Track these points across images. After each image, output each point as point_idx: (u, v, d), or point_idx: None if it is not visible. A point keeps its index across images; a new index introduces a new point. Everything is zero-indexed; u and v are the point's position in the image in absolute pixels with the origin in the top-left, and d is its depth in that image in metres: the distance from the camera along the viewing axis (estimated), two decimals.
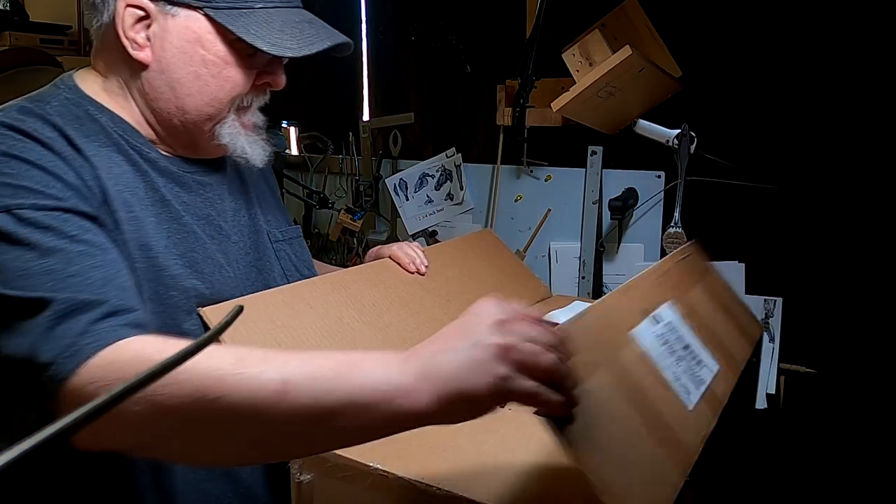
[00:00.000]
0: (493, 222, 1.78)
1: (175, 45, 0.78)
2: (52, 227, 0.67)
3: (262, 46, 0.78)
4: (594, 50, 1.41)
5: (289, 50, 0.79)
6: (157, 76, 0.80)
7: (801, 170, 1.42)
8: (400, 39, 1.97)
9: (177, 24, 0.78)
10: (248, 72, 0.83)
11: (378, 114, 2.03)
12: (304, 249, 1.05)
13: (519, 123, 1.62)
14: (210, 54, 0.79)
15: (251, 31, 0.78)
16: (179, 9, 0.78)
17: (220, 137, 0.84)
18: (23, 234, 0.65)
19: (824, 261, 1.42)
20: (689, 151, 1.41)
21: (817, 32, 1.37)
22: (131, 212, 0.77)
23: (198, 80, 0.80)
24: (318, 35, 0.83)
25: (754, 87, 1.45)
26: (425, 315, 1.05)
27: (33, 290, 0.63)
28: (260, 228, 0.97)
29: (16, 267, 0.64)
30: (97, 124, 0.79)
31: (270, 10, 0.81)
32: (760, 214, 1.47)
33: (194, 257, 0.83)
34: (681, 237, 1.43)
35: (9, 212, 0.66)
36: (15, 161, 0.69)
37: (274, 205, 1.04)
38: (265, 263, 0.95)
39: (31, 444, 0.25)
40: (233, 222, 0.91)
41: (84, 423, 0.27)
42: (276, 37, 0.79)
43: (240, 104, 0.85)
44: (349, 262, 2.01)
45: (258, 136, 0.89)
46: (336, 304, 0.96)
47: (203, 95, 0.81)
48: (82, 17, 0.85)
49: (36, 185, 0.68)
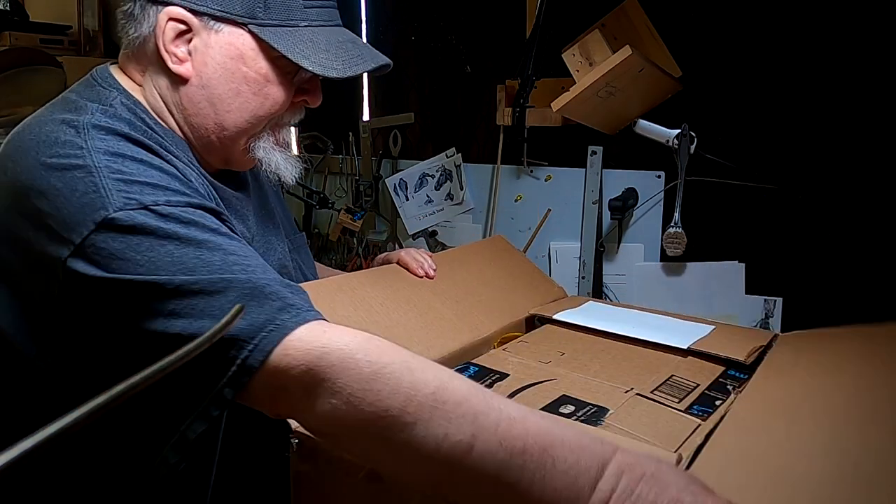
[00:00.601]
0: (493, 222, 1.78)
1: (217, 60, 0.78)
2: (194, 222, 0.66)
3: (309, 66, 0.77)
4: (594, 50, 1.41)
5: (335, 70, 0.78)
6: (197, 91, 0.79)
7: (801, 170, 1.42)
8: (400, 39, 1.97)
9: (219, 39, 0.77)
10: (288, 90, 0.82)
11: (378, 114, 2.04)
12: (309, 256, 1.07)
13: (519, 123, 1.62)
14: (252, 71, 0.79)
15: (297, 50, 0.78)
16: (223, 24, 0.77)
17: (255, 151, 0.84)
18: (169, 229, 0.64)
19: (824, 261, 1.42)
20: (689, 151, 1.41)
21: (817, 32, 1.37)
22: None
23: (238, 97, 0.79)
24: (362, 56, 0.82)
25: (754, 87, 1.45)
26: (433, 315, 1.05)
27: (204, 274, 0.63)
28: (281, 238, 0.98)
29: (173, 261, 0.63)
30: (155, 133, 0.78)
31: (315, 28, 0.80)
32: (760, 214, 1.47)
33: None
34: (681, 237, 1.43)
35: (146, 208, 0.65)
36: (129, 161, 0.68)
37: (284, 214, 1.06)
38: (287, 275, 0.96)
39: (31, 444, 0.25)
40: (261, 236, 0.92)
41: (84, 422, 0.27)
42: (322, 56, 0.78)
43: (277, 121, 0.85)
44: (349, 263, 2.01)
45: (291, 154, 0.90)
46: (343, 304, 0.96)
47: (243, 112, 0.80)
48: (82, 17, 0.85)
49: (161, 182, 0.68)
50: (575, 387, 0.91)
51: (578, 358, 1.02)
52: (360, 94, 2.07)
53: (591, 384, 0.92)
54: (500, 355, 1.02)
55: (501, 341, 1.10)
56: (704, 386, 0.93)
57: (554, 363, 0.99)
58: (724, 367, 0.99)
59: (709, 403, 0.88)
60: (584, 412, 0.83)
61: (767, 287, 1.49)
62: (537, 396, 0.87)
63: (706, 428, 0.80)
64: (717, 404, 0.88)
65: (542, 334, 1.13)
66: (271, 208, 1.00)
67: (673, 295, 1.57)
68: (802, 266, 1.45)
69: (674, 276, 1.57)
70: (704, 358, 1.02)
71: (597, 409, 0.84)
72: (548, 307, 1.23)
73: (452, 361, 0.99)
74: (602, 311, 1.23)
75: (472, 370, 0.96)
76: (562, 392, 0.89)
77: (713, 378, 0.96)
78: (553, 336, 1.12)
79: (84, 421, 0.27)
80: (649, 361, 1.01)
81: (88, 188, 0.64)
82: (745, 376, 0.96)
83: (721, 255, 1.52)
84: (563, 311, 1.19)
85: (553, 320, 1.17)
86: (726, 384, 0.94)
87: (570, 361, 1.00)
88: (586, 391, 0.89)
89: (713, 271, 1.53)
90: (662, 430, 0.79)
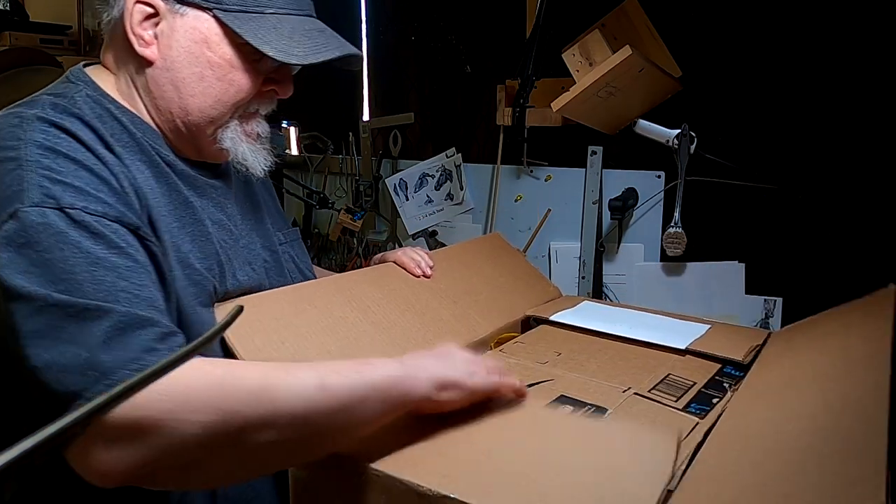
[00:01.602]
0: (493, 222, 1.78)
1: (181, 44, 0.78)
2: (103, 235, 0.66)
3: (269, 52, 0.77)
4: (594, 50, 1.41)
5: (294, 57, 0.78)
6: (162, 74, 0.79)
7: (801, 170, 1.42)
8: (400, 39, 1.97)
9: (185, 23, 0.77)
10: (254, 77, 0.82)
11: (378, 114, 2.04)
12: (304, 250, 1.06)
13: (519, 123, 1.62)
14: (216, 56, 0.79)
15: (259, 35, 0.77)
16: (189, 8, 0.77)
17: (222, 142, 0.83)
18: (74, 237, 0.64)
19: (824, 261, 1.42)
20: (689, 151, 1.41)
21: (817, 32, 1.37)
22: (163, 217, 0.77)
23: (202, 82, 0.79)
24: (328, 45, 0.82)
25: (754, 87, 1.45)
26: (431, 315, 1.05)
27: (86, 296, 0.62)
28: (268, 231, 0.97)
29: (64, 269, 0.63)
30: (119, 124, 0.78)
31: (282, 16, 0.80)
32: (760, 214, 1.47)
33: (219, 260, 0.83)
34: (681, 237, 1.43)
35: (62, 210, 0.65)
36: (62, 158, 0.68)
37: (274, 208, 1.04)
38: (278, 266, 0.96)
39: (32, 444, 0.25)
40: (242, 226, 0.91)
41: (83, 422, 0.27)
42: (284, 43, 0.78)
43: (245, 110, 0.84)
44: (349, 263, 2.01)
45: (261, 146, 0.88)
46: (340, 304, 0.96)
47: (206, 97, 0.80)
48: (82, 17, 0.85)
49: (86, 187, 0.68)
50: (573, 387, 0.91)
51: (575, 358, 1.02)
52: (360, 94, 2.07)
53: (589, 384, 0.92)
54: (496, 356, 1.02)
55: (498, 342, 1.10)
56: (701, 384, 0.93)
57: (551, 364, 0.99)
58: (720, 366, 1.00)
59: (706, 402, 0.88)
60: (582, 412, 0.83)
61: (767, 287, 1.49)
62: (536, 397, 0.87)
63: (705, 426, 0.81)
64: (715, 402, 0.88)
65: (539, 335, 1.13)
66: (258, 200, 0.98)
67: (673, 295, 1.57)
68: (802, 266, 1.45)
69: (674, 276, 1.57)
70: (701, 357, 1.02)
71: (595, 408, 0.84)
72: (544, 308, 1.23)
73: None
74: (597, 311, 1.23)
75: None
76: (560, 392, 0.89)
77: (710, 376, 0.96)
78: (549, 336, 1.12)
79: (84, 421, 0.28)
80: (646, 361, 1.01)
81: (14, 181, 0.65)
82: (741, 374, 0.97)
83: (721, 255, 1.52)
84: (558, 311, 1.20)
85: (549, 321, 1.17)
86: (723, 382, 0.95)
87: (567, 362, 1.00)
88: (584, 391, 0.90)
89: (713, 271, 1.53)
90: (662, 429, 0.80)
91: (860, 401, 0.66)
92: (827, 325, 1.02)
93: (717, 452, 0.72)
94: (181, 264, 0.77)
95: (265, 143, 0.89)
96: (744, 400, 0.86)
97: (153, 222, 0.75)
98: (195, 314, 0.77)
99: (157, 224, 0.75)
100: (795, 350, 0.97)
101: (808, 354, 0.93)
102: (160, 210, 0.77)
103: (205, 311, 0.79)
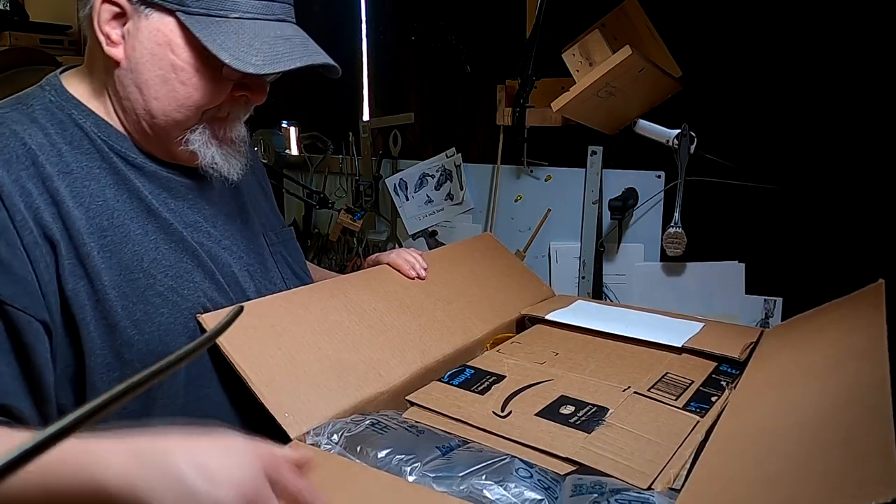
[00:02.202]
0: (493, 222, 1.78)
1: (145, 45, 0.77)
2: None
3: (225, 58, 0.74)
4: (594, 50, 1.41)
5: (251, 66, 0.75)
6: (127, 75, 0.78)
7: (801, 170, 1.42)
8: (400, 39, 1.97)
9: (149, 24, 0.76)
10: (219, 82, 0.80)
11: (378, 114, 2.04)
12: (298, 251, 1.04)
13: (519, 123, 1.62)
14: (179, 59, 0.77)
15: (217, 40, 0.75)
16: (153, 10, 0.76)
17: (190, 144, 0.81)
18: None
19: (824, 261, 1.42)
20: (689, 151, 1.41)
21: (817, 32, 1.37)
22: (105, 236, 0.76)
23: (165, 85, 0.78)
24: (291, 53, 0.78)
25: (754, 87, 1.45)
26: (427, 317, 1.05)
27: None
28: (256, 232, 0.95)
29: None
30: (80, 130, 0.78)
31: (246, 21, 0.77)
32: (760, 214, 1.47)
33: (184, 267, 0.81)
34: (681, 237, 1.43)
35: None
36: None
37: (267, 207, 1.02)
38: (263, 268, 0.94)
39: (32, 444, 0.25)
40: (224, 228, 0.89)
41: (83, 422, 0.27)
42: (243, 50, 0.75)
43: (215, 115, 0.82)
44: (349, 263, 2.01)
45: (234, 150, 0.86)
46: (336, 309, 0.95)
47: (170, 100, 0.78)
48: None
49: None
50: (573, 387, 0.91)
51: (573, 357, 1.02)
52: (360, 94, 2.07)
53: (589, 384, 0.92)
54: (494, 357, 1.02)
55: (494, 342, 1.10)
56: (699, 382, 0.94)
57: (549, 363, 0.99)
58: (715, 363, 1.00)
59: (705, 400, 0.88)
60: (584, 412, 0.83)
61: (767, 287, 1.49)
62: (536, 397, 0.88)
63: (705, 424, 0.81)
64: (713, 400, 0.88)
65: (534, 334, 1.13)
66: (245, 201, 0.96)
67: (673, 295, 1.57)
68: (802, 266, 1.45)
69: (674, 276, 1.57)
70: (697, 355, 1.02)
71: (597, 408, 0.84)
72: (538, 307, 1.23)
73: (447, 364, 0.99)
74: (592, 310, 1.23)
75: (469, 373, 0.96)
76: (560, 392, 0.89)
77: (706, 374, 0.97)
78: (545, 336, 1.12)
79: (84, 421, 0.27)
80: (643, 359, 1.02)
81: None
82: (737, 372, 0.97)
83: (721, 255, 1.52)
84: (554, 310, 1.19)
85: (544, 320, 1.17)
86: (720, 380, 0.95)
87: (564, 361, 1.01)
88: (584, 391, 0.90)
89: (713, 271, 1.53)
90: (664, 427, 0.80)
91: (862, 392, 0.66)
92: (820, 320, 1.02)
93: (721, 450, 0.72)
94: (129, 280, 0.76)
95: (240, 147, 0.87)
96: (743, 397, 0.86)
97: (80, 247, 0.73)
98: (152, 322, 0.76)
99: (84, 249, 0.73)
100: (790, 346, 0.98)
101: (803, 350, 0.93)
102: (113, 222, 0.76)
103: (174, 319, 0.78)
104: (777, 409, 0.76)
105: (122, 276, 0.76)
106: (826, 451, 0.58)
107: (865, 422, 0.59)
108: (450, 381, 0.93)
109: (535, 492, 0.65)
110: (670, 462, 0.73)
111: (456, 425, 0.81)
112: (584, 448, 0.75)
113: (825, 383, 0.74)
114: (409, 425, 0.78)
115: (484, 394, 0.89)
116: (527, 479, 0.67)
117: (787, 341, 1.00)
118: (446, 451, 0.73)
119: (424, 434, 0.76)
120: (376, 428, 0.76)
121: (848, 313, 0.95)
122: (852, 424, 0.60)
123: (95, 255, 0.74)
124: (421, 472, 0.68)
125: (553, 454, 0.74)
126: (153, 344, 0.76)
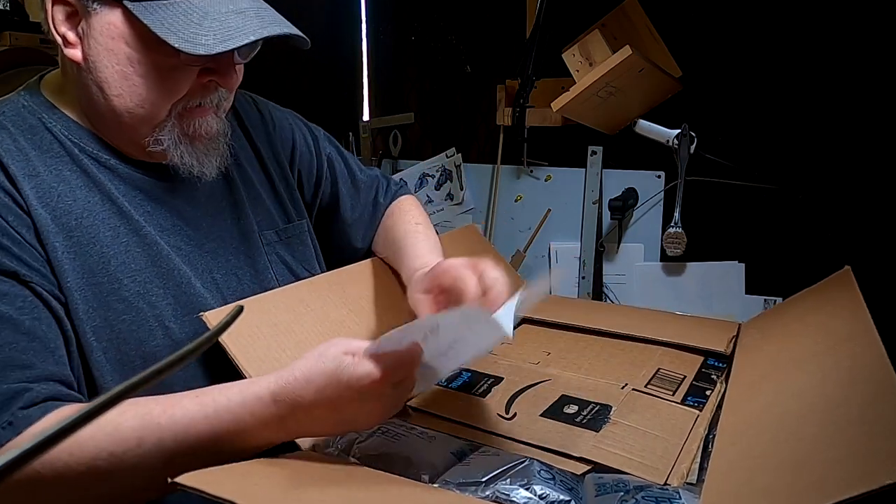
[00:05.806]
0: (493, 222, 1.78)
1: (100, 42, 0.73)
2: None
3: (174, 42, 0.69)
4: (594, 50, 1.41)
5: (201, 46, 0.69)
6: (87, 75, 0.74)
7: (801, 170, 1.42)
8: (400, 39, 1.97)
9: (100, 20, 0.72)
10: (182, 70, 0.75)
11: (378, 114, 2.03)
12: (306, 247, 0.99)
13: (519, 123, 1.62)
14: (134, 52, 0.73)
15: (165, 24, 0.70)
16: (99, 4, 0.72)
17: (160, 142, 0.77)
18: None
19: (824, 261, 1.41)
20: (689, 151, 1.41)
21: (817, 32, 1.37)
22: (72, 236, 0.74)
23: (126, 80, 0.74)
24: (245, 27, 0.72)
25: (754, 87, 1.45)
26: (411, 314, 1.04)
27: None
28: (250, 231, 0.91)
29: None
30: (50, 134, 0.76)
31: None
32: (760, 214, 1.47)
33: (157, 272, 0.79)
34: (681, 237, 1.43)
35: None
36: None
37: (269, 203, 0.96)
38: (253, 270, 0.90)
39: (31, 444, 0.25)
40: (209, 230, 0.86)
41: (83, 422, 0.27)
42: (192, 31, 0.70)
43: (185, 106, 0.77)
44: None
45: (208, 146, 0.81)
46: (336, 306, 0.95)
47: (133, 97, 0.75)
48: None
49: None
50: (572, 386, 0.91)
51: (565, 357, 1.02)
52: (360, 94, 2.07)
53: (586, 382, 0.93)
54: (487, 358, 1.02)
55: None
56: (691, 377, 0.95)
57: (543, 363, 1.00)
58: (702, 357, 1.02)
59: (700, 394, 0.90)
60: (588, 411, 0.84)
61: (767, 287, 1.49)
62: (538, 398, 0.88)
63: (705, 418, 0.83)
64: (708, 394, 0.90)
65: (521, 334, 1.13)
66: (239, 199, 0.91)
67: (673, 295, 1.57)
68: (802, 266, 1.45)
69: (674, 276, 1.57)
70: (683, 349, 1.04)
71: (600, 406, 0.84)
72: None
73: None
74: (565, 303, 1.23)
75: (466, 376, 0.95)
76: (560, 392, 0.89)
77: (696, 369, 0.98)
78: (532, 336, 1.12)
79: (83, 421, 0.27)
80: (633, 356, 1.02)
81: None
82: (723, 365, 1.00)
83: (721, 255, 1.52)
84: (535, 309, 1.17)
85: (527, 319, 1.17)
86: (710, 374, 0.97)
87: (558, 361, 1.01)
88: (584, 389, 0.90)
89: (713, 271, 1.53)
90: (666, 423, 0.81)
91: (864, 372, 0.66)
92: (795, 310, 1.03)
93: (733, 442, 0.72)
94: (93, 284, 0.74)
95: (216, 142, 0.82)
96: (740, 390, 0.87)
97: (46, 247, 0.72)
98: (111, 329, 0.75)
99: (50, 249, 0.72)
100: (774, 336, 0.98)
101: (788, 338, 0.94)
102: (82, 224, 0.75)
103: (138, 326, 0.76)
104: (779, 396, 0.76)
105: (85, 280, 0.73)
106: (842, 429, 0.58)
107: (879, 399, 0.58)
108: (448, 385, 0.93)
109: (561, 493, 0.65)
110: (680, 457, 0.74)
111: (464, 429, 0.81)
112: (595, 447, 0.75)
113: (822, 367, 0.74)
114: (420, 432, 0.78)
115: (485, 396, 0.89)
116: (549, 481, 0.66)
117: (769, 332, 1.01)
118: (462, 456, 0.73)
119: (436, 440, 0.76)
120: (388, 437, 0.75)
121: (823, 300, 0.97)
122: (864, 402, 0.60)
123: (60, 255, 0.72)
124: (443, 480, 0.67)
125: (567, 454, 0.74)
126: (110, 352, 0.74)
